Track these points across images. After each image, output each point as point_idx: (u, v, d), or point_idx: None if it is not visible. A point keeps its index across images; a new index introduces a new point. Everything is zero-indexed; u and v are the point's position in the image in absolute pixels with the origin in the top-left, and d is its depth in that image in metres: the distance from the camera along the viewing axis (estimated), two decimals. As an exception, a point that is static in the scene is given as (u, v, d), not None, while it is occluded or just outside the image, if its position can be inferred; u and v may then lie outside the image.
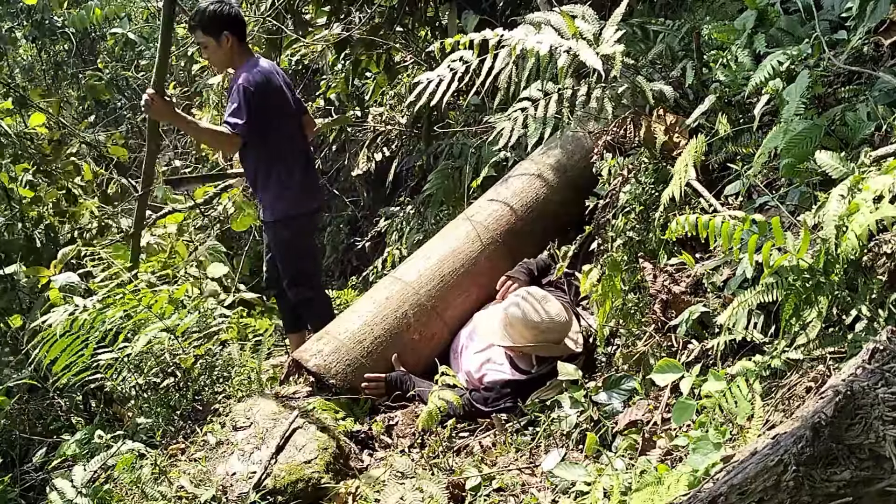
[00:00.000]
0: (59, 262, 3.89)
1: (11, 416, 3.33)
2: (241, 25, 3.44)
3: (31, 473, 3.10)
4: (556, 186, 3.36)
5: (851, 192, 1.73)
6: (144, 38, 7.79)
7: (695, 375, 1.91)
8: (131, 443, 2.50)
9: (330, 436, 2.85)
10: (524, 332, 2.83)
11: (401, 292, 3.16)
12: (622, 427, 2.27)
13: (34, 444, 3.23)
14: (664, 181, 2.64)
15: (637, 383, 2.39)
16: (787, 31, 2.58)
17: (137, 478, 2.40)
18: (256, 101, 3.29)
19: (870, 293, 1.76)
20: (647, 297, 2.49)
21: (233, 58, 3.44)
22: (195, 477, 2.57)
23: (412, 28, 5.30)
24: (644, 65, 3.06)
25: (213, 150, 6.06)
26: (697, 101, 2.75)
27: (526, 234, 3.33)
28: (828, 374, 1.72)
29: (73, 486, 2.31)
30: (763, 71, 2.35)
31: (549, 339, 2.83)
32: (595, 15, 2.77)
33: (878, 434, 1.15)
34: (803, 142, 2.09)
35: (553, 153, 3.43)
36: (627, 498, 1.82)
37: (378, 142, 5.79)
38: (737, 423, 1.77)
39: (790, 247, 1.81)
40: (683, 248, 2.55)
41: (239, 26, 3.42)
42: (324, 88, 5.76)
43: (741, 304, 1.90)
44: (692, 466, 1.64)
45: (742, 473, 1.24)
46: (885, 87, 2.19)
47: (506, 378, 2.91)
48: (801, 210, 2.13)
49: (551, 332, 2.83)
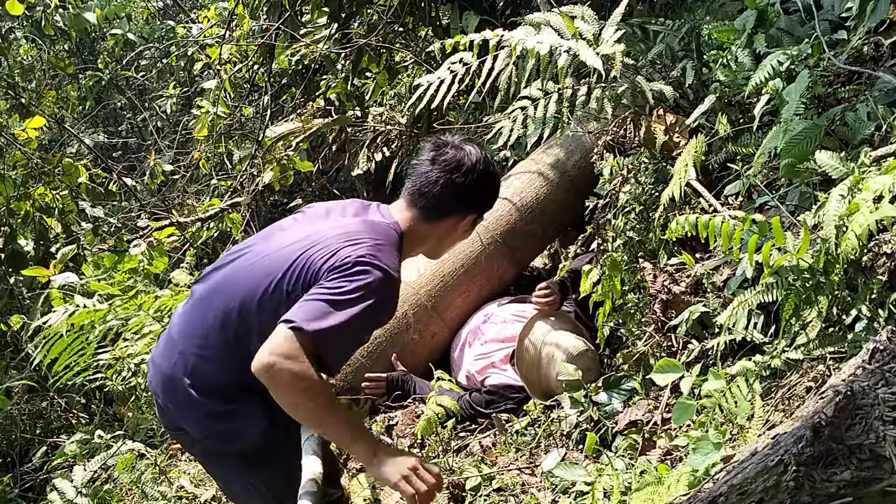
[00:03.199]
0: (58, 262, 3.89)
1: (11, 416, 3.33)
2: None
3: (31, 473, 3.11)
4: (556, 186, 3.36)
5: (851, 192, 1.73)
6: (144, 39, 7.79)
7: (695, 375, 1.92)
8: (131, 443, 2.50)
9: (330, 436, 2.85)
10: (558, 386, 2.67)
11: (400, 292, 3.16)
12: (622, 427, 2.27)
13: (34, 444, 3.23)
14: (664, 181, 2.63)
15: (637, 383, 2.39)
16: (787, 31, 2.58)
17: (137, 478, 2.41)
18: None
19: (870, 293, 1.76)
20: (647, 297, 2.49)
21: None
22: (195, 477, 2.57)
23: (412, 28, 5.30)
24: (644, 65, 3.06)
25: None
26: (697, 101, 2.75)
27: (526, 234, 3.32)
28: (828, 374, 1.72)
29: (73, 486, 2.31)
30: (763, 71, 2.35)
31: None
32: (594, 15, 2.77)
33: (878, 434, 1.15)
34: (803, 142, 2.09)
35: (553, 152, 3.43)
36: (627, 498, 1.82)
37: (378, 142, 5.78)
38: (737, 423, 1.77)
39: (790, 247, 1.81)
40: (683, 248, 2.55)
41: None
42: (324, 88, 5.76)
43: (741, 304, 1.90)
44: (692, 466, 1.64)
45: (742, 473, 1.24)
46: (885, 87, 2.19)
47: (509, 383, 2.90)
48: (801, 210, 2.13)
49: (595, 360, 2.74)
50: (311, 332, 1.65)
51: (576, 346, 2.70)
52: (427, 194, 1.94)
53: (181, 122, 7.57)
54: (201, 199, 6.20)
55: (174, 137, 7.25)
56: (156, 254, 3.93)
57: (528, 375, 2.81)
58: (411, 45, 5.23)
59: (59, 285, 3.32)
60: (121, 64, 7.45)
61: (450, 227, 2.03)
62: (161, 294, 3.13)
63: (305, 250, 1.82)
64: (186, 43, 6.73)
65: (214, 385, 1.85)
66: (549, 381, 2.72)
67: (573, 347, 2.70)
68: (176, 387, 1.85)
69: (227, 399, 1.85)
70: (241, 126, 6.00)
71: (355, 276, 1.75)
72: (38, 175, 4.41)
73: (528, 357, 2.82)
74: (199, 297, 1.91)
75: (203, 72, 7.13)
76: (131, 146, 8.58)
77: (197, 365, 1.84)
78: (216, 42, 6.08)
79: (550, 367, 2.71)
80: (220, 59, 5.78)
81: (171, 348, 1.90)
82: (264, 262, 1.85)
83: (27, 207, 4.13)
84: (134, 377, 2.90)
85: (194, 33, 6.79)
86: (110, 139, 8.33)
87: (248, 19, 5.97)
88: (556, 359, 2.69)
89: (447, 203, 1.96)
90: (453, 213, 2.00)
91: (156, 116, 8.06)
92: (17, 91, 6.20)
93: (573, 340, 2.74)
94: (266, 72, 5.84)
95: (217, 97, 5.67)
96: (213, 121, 5.73)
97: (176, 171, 6.61)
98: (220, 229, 5.54)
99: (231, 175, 5.96)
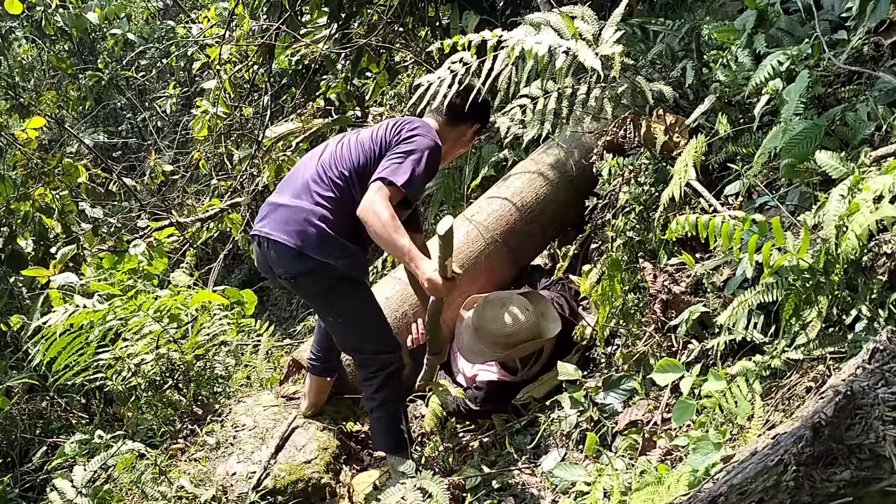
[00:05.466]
0: (58, 262, 3.89)
1: (11, 416, 3.33)
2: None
3: (31, 473, 3.10)
4: (556, 186, 3.36)
5: (851, 192, 1.73)
6: (144, 39, 7.79)
7: (695, 375, 1.92)
8: (131, 443, 2.50)
9: (330, 436, 2.85)
10: (494, 344, 2.85)
11: (401, 292, 3.16)
12: (622, 427, 2.27)
13: (34, 444, 3.23)
14: (664, 181, 2.64)
15: (637, 383, 2.39)
16: (787, 31, 2.58)
17: (137, 478, 2.40)
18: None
19: (870, 293, 1.76)
20: (647, 297, 2.49)
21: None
22: (195, 477, 2.57)
23: (412, 28, 5.30)
24: (644, 65, 3.06)
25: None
26: (697, 101, 2.75)
27: (526, 234, 3.32)
28: (828, 374, 1.72)
29: (73, 486, 2.31)
30: (763, 71, 2.35)
31: (520, 339, 2.83)
32: (594, 15, 2.77)
33: (878, 434, 1.15)
34: (803, 142, 2.09)
35: (553, 153, 3.43)
36: (627, 498, 1.82)
37: (378, 142, 5.78)
38: (737, 423, 1.77)
39: (790, 247, 1.81)
40: (683, 248, 2.55)
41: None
42: (324, 88, 5.76)
43: (741, 304, 1.90)
44: (692, 466, 1.64)
45: (742, 473, 1.24)
46: (885, 87, 2.19)
47: (494, 378, 2.94)
48: (801, 210, 2.13)
49: (520, 334, 2.83)
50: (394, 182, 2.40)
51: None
52: (451, 106, 2.70)
53: (181, 122, 7.57)
54: (201, 199, 6.20)
55: (174, 137, 7.25)
56: (156, 254, 3.93)
57: (482, 346, 2.90)
58: (411, 45, 5.23)
59: (59, 285, 3.32)
60: (121, 64, 7.45)
61: (461, 133, 2.75)
62: (161, 294, 3.13)
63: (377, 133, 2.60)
64: (186, 43, 6.73)
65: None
66: (479, 317, 2.87)
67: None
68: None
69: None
70: (241, 126, 6.00)
71: (412, 139, 2.50)
72: (37, 175, 4.41)
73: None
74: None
75: (203, 72, 7.13)
76: (131, 146, 8.59)
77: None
78: (216, 42, 6.08)
79: (488, 305, 2.88)
80: (220, 59, 5.78)
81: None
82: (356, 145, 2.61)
83: (27, 208, 4.13)
84: (134, 377, 2.90)
85: (194, 33, 6.79)
86: (110, 139, 8.33)
87: (248, 19, 5.97)
88: (480, 305, 2.90)
89: (461, 111, 2.68)
90: (465, 121, 2.73)
91: (156, 116, 8.07)
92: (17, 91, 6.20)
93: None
94: (266, 72, 5.84)
95: (217, 97, 5.67)
96: (213, 121, 5.73)
97: (176, 171, 6.60)
98: (220, 229, 5.54)
99: (231, 175, 5.96)
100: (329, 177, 2.51)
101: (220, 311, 3.35)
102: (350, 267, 2.49)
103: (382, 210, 2.33)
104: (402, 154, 2.45)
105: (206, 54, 6.19)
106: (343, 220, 2.46)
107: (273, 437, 2.75)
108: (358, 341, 2.60)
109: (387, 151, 2.50)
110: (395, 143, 2.50)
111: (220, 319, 3.27)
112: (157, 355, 2.94)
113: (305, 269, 2.45)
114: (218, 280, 5.41)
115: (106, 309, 2.89)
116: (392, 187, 2.38)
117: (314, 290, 2.56)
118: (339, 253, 2.45)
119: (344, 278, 2.49)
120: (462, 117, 2.70)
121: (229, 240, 5.76)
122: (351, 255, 2.48)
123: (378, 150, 2.53)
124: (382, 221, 2.32)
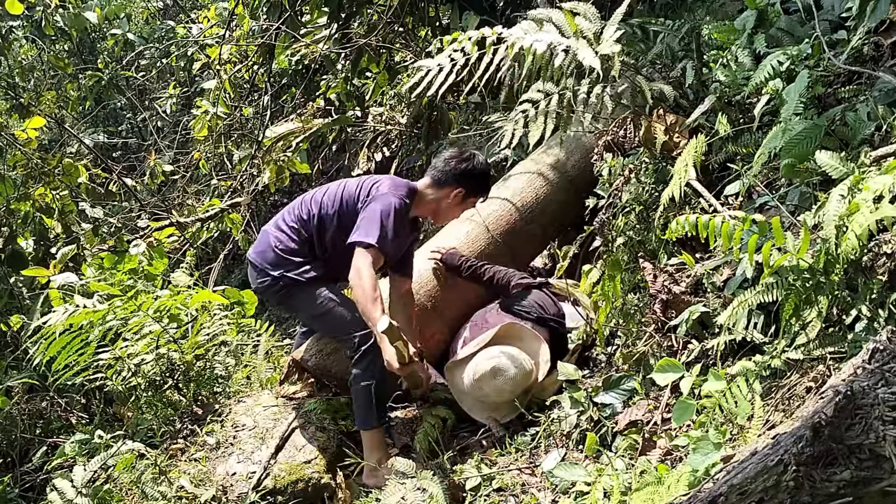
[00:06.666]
0: (58, 262, 3.89)
1: (11, 416, 3.33)
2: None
3: (31, 473, 3.10)
4: (556, 186, 3.36)
5: (851, 192, 1.73)
6: (144, 39, 7.78)
7: (695, 375, 1.92)
8: (131, 443, 2.50)
9: (330, 436, 2.85)
10: (502, 407, 2.84)
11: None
12: (622, 427, 2.27)
13: (34, 444, 3.23)
14: (664, 181, 2.64)
15: (637, 383, 2.39)
16: (787, 31, 2.58)
17: (137, 478, 2.40)
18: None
19: (870, 293, 1.76)
20: (647, 297, 2.49)
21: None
22: (195, 477, 2.57)
23: (412, 28, 5.30)
24: (644, 65, 3.06)
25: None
26: (697, 101, 2.75)
27: (526, 234, 3.32)
28: (828, 374, 1.72)
29: (73, 486, 2.31)
30: (763, 71, 2.35)
31: (520, 391, 2.81)
32: (597, 13, 2.77)
33: (878, 434, 1.15)
34: (803, 142, 2.09)
35: (553, 153, 3.43)
36: (627, 498, 1.82)
37: (378, 142, 5.79)
38: (737, 423, 1.77)
39: (790, 247, 1.81)
40: (683, 248, 2.55)
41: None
42: (324, 88, 5.76)
43: (741, 304, 1.90)
44: (692, 466, 1.64)
45: (742, 473, 1.24)
46: (885, 87, 2.19)
47: None
48: (801, 210, 2.13)
49: (520, 388, 2.80)
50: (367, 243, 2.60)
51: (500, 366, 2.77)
52: (436, 167, 2.86)
53: (181, 122, 7.57)
54: (201, 199, 6.20)
55: (174, 137, 7.25)
56: (156, 254, 3.93)
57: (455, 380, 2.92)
58: (411, 45, 5.23)
59: (59, 285, 3.31)
60: (121, 64, 7.45)
61: (444, 195, 2.84)
62: (161, 294, 3.13)
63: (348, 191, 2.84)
64: (186, 43, 6.73)
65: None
66: (479, 391, 2.81)
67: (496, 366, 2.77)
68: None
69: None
70: (241, 126, 6.00)
71: (377, 199, 2.71)
72: (38, 175, 4.41)
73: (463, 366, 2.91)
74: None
75: (203, 72, 7.13)
76: (131, 146, 8.58)
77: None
78: (216, 42, 6.08)
79: (482, 381, 2.78)
80: (220, 59, 5.78)
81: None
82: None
83: (27, 208, 4.13)
84: (134, 377, 2.90)
85: (194, 33, 6.79)
86: (110, 139, 8.33)
87: (248, 19, 5.97)
88: (482, 371, 2.78)
89: (448, 175, 2.82)
90: (448, 185, 2.82)
91: (156, 116, 8.06)
92: (17, 91, 6.20)
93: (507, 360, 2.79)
94: (266, 72, 5.84)
95: (217, 97, 5.67)
96: (213, 121, 5.73)
97: (176, 171, 6.60)
98: (220, 229, 5.54)
99: (231, 175, 5.96)
100: (297, 214, 2.88)
101: (220, 312, 3.34)
102: (298, 274, 2.80)
103: (366, 279, 2.56)
104: (367, 216, 2.70)
105: (206, 54, 6.20)
106: (300, 245, 2.83)
107: (273, 437, 2.75)
108: (331, 330, 2.90)
109: (354, 207, 2.79)
110: (363, 203, 2.77)
111: (220, 319, 3.27)
112: (157, 355, 2.94)
113: (263, 286, 2.87)
114: (218, 280, 5.41)
115: (106, 309, 2.89)
116: (371, 249, 2.62)
117: (277, 301, 2.96)
118: (289, 266, 2.81)
119: (295, 283, 2.80)
120: (441, 182, 2.83)
121: (229, 240, 5.76)
122: (298, 265, 2.81)
123: (342, 203, 2.82)
124: (364, 291, 2.55)
